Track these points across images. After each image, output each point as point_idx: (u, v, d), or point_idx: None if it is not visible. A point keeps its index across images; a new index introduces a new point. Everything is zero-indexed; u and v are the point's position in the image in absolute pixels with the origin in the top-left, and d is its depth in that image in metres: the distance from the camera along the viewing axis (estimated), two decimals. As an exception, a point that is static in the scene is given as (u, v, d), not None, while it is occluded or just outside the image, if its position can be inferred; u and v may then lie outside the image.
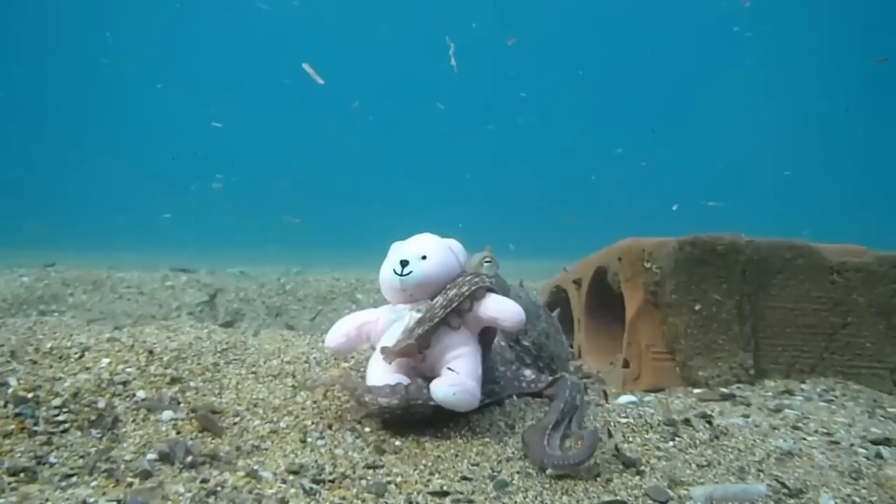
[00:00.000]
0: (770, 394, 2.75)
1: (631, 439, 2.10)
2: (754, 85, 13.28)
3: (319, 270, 7.09)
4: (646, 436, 2.14)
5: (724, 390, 2.78)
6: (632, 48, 13.69)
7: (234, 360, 2.43)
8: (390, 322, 2.21)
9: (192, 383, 2.21)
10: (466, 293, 2.12)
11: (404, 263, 2.18)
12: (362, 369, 2.42)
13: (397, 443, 1.99)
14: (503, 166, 13.79)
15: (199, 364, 2.34)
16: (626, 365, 3.02)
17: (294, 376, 2.35)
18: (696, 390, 2.81)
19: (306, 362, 2.47)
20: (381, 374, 2.13)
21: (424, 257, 2.20)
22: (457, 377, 2.05)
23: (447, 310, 2.11)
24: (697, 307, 2.92)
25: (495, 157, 13.82)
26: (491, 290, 2.18)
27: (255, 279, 6.41)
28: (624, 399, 2.65)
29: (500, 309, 2.14)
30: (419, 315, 2.15)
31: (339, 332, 2.27)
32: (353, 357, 2.54)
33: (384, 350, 2.11)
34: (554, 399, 2.22)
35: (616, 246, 3.21)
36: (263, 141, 13.68)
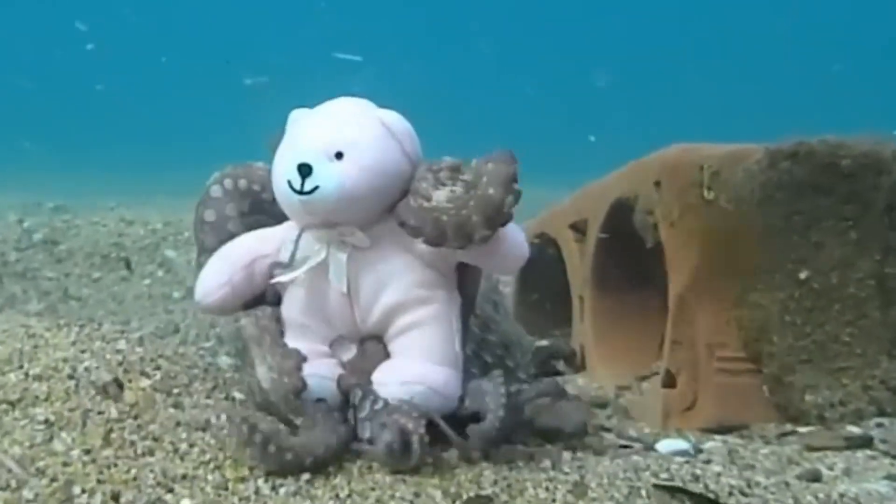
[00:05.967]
0: (939, 437, 2.82)
1: (682, 517, 2.16)
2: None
3: (96, 208, 7.31)
4: (709, 511, 2.20)
5: (854, 430, 2.79)
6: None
7: (-62, 372, 2.44)
8: (301, 261, 2.26)
9: None
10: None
11: (305, 171, 2.16)
12: (176, 391, 2.43)
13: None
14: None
15: None
16: (669, 381, 2.99)
17: (51, 402, 2.27)
18: (802, 429, 2.83)
19: (72, 377, 2.38)
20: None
21: (340, 155, 2.18)
22: (413, 366, 2.16)
23: None
24: (804, 274, 2.90)
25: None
26: None
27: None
28: (667, 445, 2.69)
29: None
30: (345, 254, 2.21)
31: (217, 280, 2.37)
32: (157, 368, 2.51)
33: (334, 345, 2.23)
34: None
35: (651, 160, 3.18)
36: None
